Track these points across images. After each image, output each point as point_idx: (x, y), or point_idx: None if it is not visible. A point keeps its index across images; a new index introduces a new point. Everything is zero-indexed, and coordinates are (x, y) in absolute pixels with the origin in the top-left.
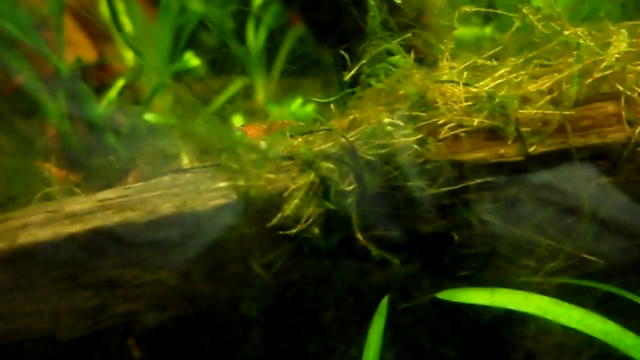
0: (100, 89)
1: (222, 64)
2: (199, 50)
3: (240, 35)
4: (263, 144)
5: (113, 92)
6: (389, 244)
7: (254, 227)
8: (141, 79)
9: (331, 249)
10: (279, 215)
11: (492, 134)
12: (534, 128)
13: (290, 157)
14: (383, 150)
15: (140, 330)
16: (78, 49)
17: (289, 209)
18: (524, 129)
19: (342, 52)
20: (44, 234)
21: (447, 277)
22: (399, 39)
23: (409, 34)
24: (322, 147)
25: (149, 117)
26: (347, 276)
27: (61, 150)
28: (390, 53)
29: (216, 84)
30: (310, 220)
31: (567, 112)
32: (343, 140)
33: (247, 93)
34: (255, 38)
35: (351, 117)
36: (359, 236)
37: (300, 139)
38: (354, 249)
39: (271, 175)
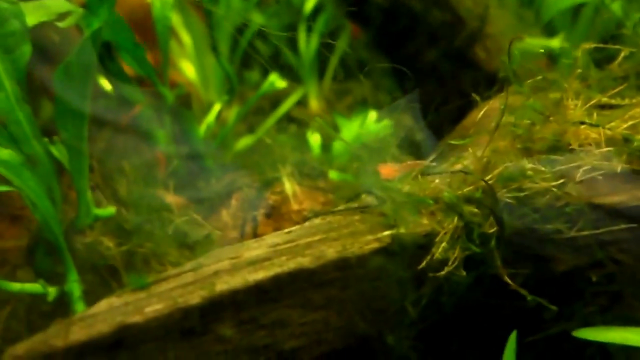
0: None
1: (275, 70)
2: (251, 58)
3: (293, 42)
4: (406, 187)
5: (211, 117)
6: (523, 281)
7: (403, 268)
8: (202, 89)
9: (469, 286)
10: (428, 257)
11: (630, 177)
12: None
13: (435, 200)
14: (522, 194)
15: None
16: None
17: (437, 252)
18: None
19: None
20: (236, 281)
21: (576, 313)
22: (530, 81)
23: (540, 76)
24: (464, 190)
25: (333, 175)
26: (480, 309)
27: (170, 176)
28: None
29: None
30: (457, 262)
31: None
32: (483, 183)
33: (300, 100)
34: (307, 46)
35: (484, 159)
36: (508, 280)
37: (437, 180)
38: (490, 286)
39: (424, 221)
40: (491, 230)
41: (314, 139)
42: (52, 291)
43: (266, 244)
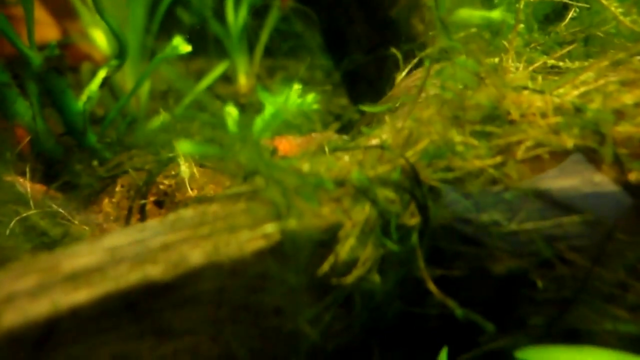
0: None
1: (200, 43)
2: (174, 28)
3: (219, 13)
4: (305, 166)
5: (94, 85)
6: (452, 285)
7: (299, 274)
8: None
9: (385, 291)
10: (331, 260)
11: (583, 156)
12: (633, 150)
13: (340, 183)
14: (451, 174)
15: None
16: (40, 27)
17: (343, 251)
18: (621, 151)
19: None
20: (38, 308)
21: (517, 326)
22: (463, 34)
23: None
24: (378, 170)
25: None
26: (400, 322)
27: (35, 157)
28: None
29: (194, 65)
30: (368, 264)
31: None
32: (403, 161)
33: (227, 75)
34: (235, 16)
35: (405, 130)
36: (433, 288)
37: (346, 157)
38: (413, 292)
39: (325, 210)
40: (412, 222)
41: (231, 113)
42: None
43: (102, 247)
